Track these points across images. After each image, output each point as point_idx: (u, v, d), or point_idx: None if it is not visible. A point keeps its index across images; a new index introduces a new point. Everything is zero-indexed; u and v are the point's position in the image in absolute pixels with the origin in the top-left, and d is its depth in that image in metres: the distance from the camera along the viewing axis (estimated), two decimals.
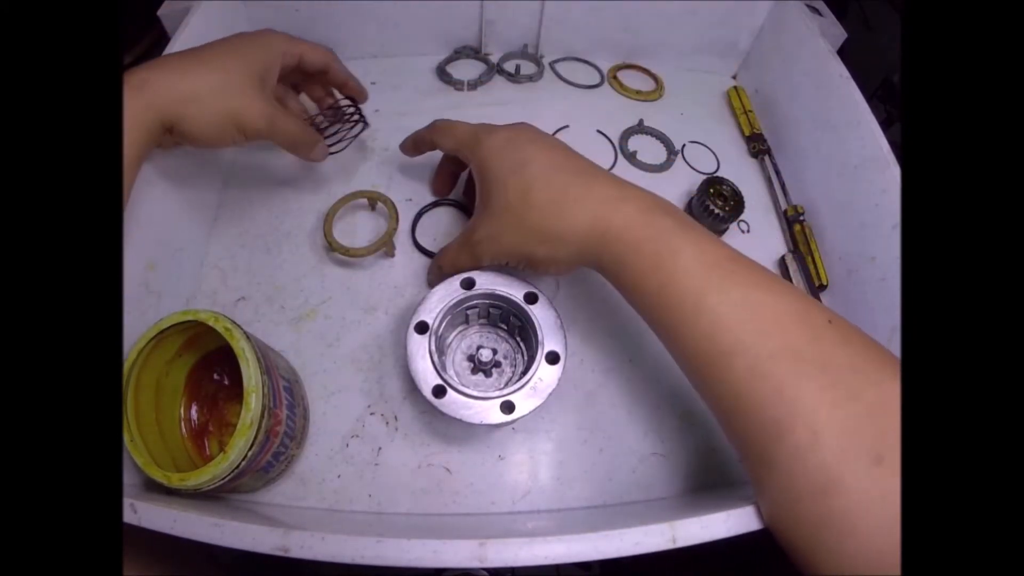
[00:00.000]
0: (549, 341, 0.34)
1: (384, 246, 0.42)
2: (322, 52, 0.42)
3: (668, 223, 0.30)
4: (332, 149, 0.43)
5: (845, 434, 0.23)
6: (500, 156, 0.34)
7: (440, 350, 0.36)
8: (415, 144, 0.42)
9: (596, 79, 0.58)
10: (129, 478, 0.30)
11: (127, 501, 0.25)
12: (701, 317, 0.27)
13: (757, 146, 0.52)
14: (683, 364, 0.29)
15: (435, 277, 0.39)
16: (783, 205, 0.49)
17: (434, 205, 0.47)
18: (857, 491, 0.22)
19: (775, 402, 0.24)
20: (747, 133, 0.54)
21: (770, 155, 0.52)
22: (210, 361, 0.35)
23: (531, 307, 0.35)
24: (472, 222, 0.36)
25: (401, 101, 0.53)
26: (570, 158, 0.34)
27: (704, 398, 0.29)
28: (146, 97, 0.31)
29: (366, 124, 0.46)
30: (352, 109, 0.45)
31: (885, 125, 0.42)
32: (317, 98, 0.47)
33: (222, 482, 0.28)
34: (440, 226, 0.46)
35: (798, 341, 0.25)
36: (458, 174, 0.46)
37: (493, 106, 0.54)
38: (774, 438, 0.24)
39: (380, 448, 0.37)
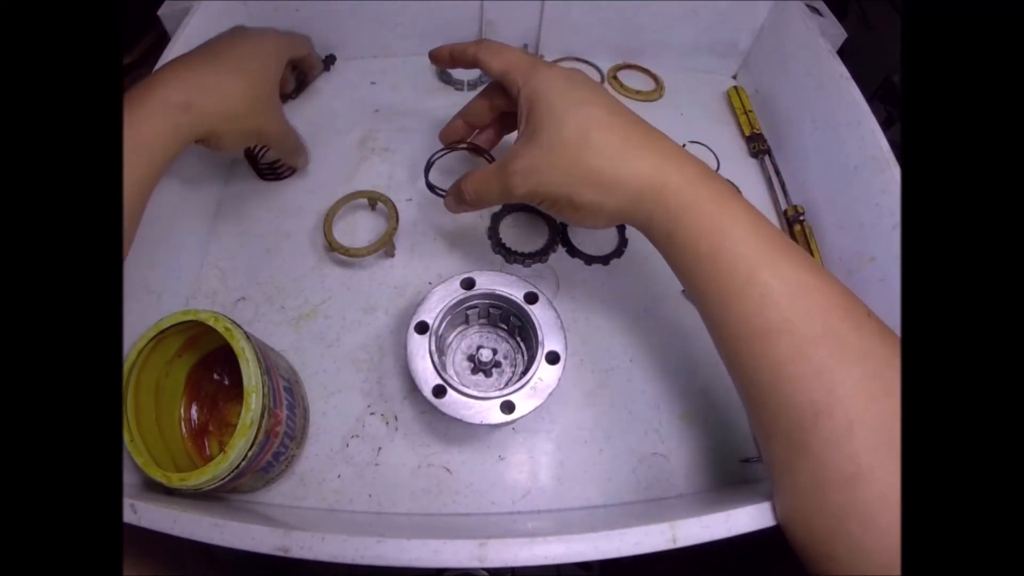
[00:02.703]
0: (549, 341, 0.34)
1: (384, 246, 0.42)
2: (307, 46, 0.49)
3: (725, 190, 0.29)
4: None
5: (879, 427, 0.23)
6: (559, 89, 0.32)
7: (440, 350, 0.36)
8: (453, 56, 0.37)
9: (596, 79, 0.58)
10: (129, 478, 0.30)
11: (127, 501, 0.25)
12: (752, 289, 0.26)
13: (757, 146, 0.52)
14: (724, 337, 0.28)
15: (453, 203, 0.37)
16: (783, 205, 0.49)
17: (450, 149, 0.42)
18: (884, 484, 0.22)
19: (815, 385, 0.24)
20: (747, 133, 0.53)
21: (770, 155, 0.52)
22: (210, 361, 0.35)
23: (531, 307, 0.35)
24: (512, 150, 0.33)
25: (400, 101, 0.53)
26: (625, 108, 0.33)
27: (738, 377, 0.28)
28: (191, 118, 0.32)
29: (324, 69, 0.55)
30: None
31: (885, 125, 0.42)
32: None
33: (222, 482, 0.28)
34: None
35: (841, 328, 0.25)
36: (496, 111, 0.39)
37: None
38: (810, 421, 0.24)
39: (380, 448, 0.37)
